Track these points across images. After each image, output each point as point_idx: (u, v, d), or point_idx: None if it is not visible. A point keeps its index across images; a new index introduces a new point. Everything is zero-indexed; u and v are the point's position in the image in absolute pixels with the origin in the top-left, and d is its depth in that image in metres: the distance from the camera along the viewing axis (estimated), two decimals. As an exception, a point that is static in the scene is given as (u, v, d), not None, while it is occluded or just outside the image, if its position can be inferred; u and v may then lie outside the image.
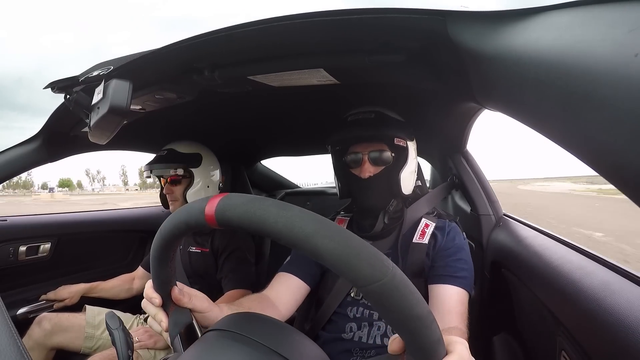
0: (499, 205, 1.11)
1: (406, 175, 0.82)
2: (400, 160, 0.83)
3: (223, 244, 1.15)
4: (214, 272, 1.17)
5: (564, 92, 0.27)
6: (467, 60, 0.45)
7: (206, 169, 1.21)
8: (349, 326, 0.79)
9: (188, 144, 1.22)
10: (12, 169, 0.99)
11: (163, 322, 0.46)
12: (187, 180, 1.18)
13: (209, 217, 0.32)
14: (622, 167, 0.23)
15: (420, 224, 0.85)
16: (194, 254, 1.19)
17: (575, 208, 17.43)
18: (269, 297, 0.77)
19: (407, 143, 0.83)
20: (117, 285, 1.33)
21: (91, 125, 0.60)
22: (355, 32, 0.51)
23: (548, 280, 0.67)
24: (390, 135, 0.81)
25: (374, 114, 0.83)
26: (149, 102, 0.79)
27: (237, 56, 0.62)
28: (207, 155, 1.23)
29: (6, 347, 0.40)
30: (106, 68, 0.61)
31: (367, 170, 0.82)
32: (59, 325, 1.10)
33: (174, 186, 1.18)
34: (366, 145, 0.83)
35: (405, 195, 0.83)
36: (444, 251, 0.78)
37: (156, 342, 0.99)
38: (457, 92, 0.70)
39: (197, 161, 1.19)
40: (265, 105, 1.03)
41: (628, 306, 0.47)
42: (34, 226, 1.33)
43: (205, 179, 1.20)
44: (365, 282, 0.27)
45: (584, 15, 0.28)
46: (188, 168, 1.16)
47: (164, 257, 0.40)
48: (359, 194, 0.85)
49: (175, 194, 1.17)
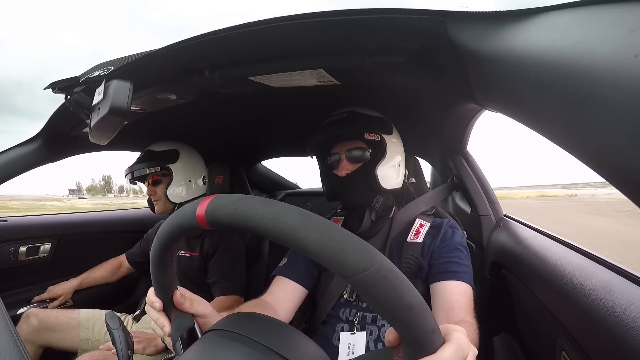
0: (499, 206, 1.10)
1: (385, 169, 0.82)
2: (378, 155, 0.83)
3: (213, 247, 1.14)
4: (204, 276, 1.16)
5: (564, 93, 0.27)
6: (467, 61, 0.45)
7: (185, 164, 1.21)
8: (339, 327, 0.78)
9: (164, 143, 1.22)
10: (13, 170, 0.99)
11: (165, 326, 0.46)
12: (167, 178, 1.18)
13: (200, 218, 0.33)
14: (622, 168, 0.23)
15: (415, 223, 0.85)
16: (183, 258, 1.18)
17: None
18: (268, 302, 0.77)
19: (381, 137, 0.82)
20: (106, 276, 1.35)
21: (92, 125, 0.60)
22: (356, 32, 0.51)
23: (548, 280, 0.67)
24: (359, 132, 0.81)
25: (346, 114, 0.85)
26: (150, 102, 0.79)
27: (237, 57, 0.62)
28: (185, 150, 1.23)
29: (6, 347, 0.40)
30: (107, 69, 0.61)
31: (344, 168, 0.83)
32: (47, 322, 1.10)
33: (156, 186, 1.18)
34: (343, 145, 0.84)
35: (387, 190, 0.83)
36: (441, 249, 0.78)
37: (145, 348, 0.96)
38: (457, 92, 0.70)
39: (173, 157, 1.19)
40: (265, 105, 1.03)
41: (628, 306, 0.47)
42: (34, 226, 1.33)
43: (185, 174, 1.20)
44: (351, 272, 0.27)
45: (584, 15, 0.28)
46: (165, 165, 1.17)
47: (163, 262, 0.40)
48: (340, 193, 0.85)
49: (158, 193, 1.18)
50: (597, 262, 0.63)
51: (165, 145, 1.21)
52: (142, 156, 1.19)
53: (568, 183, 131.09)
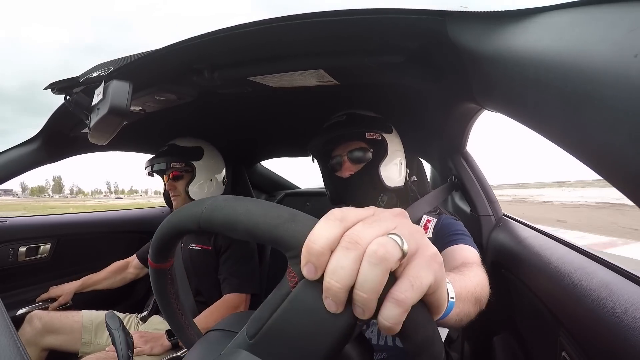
0: (499, 206, 1.10)
1: (388, 168, 0.83)
2: (380, 154, 0.83)
3: (226, 241, 1.14)
4: (215, 271, 1.16)
5: (563, 93, 0.27)
6: (467, 61, 0.45)
7: (208, 162, 1.21)
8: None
9: (189, 139, 1.22)
10: (12, 170, 0.99)
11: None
12: (189, 175, 1.17)
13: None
14: (622, 168, 0.23)
15: (422, 220, 0.86)
16: (194, 251, 1.17)
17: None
18: None
19: (381, 136, 0.83)
20: (110, 276, 1.33)
21: (91, 126, 0.60)
22: (355, 32, 0.51)
23: (548, 280, 0.67)
24: (360, 132, 0.81)
25: (345, 116, 0.86)
26: (149, 102, 0.79)
27: (236, 57, 0.62)
28: (209, 149, 1.23)
29: (6, 347, 0.40)
30: (106, 69, 0.61)
31: (348, 170, 0.83)
32: (50, 324, 1.09)
33: (176, 182, 1.17)
34: (344, 147, 0.85)
35: (391, 187, 0.83)
36: (442, 233, 0.79)
37: (152, 348, 0.96)
38: (456, 92, 0.70)
39: (198, 154, 1.19)
40: (265, 105, 1.03)
41: (628, 306, 0.47)
42: (34, 227, 1.33)
43: (207, 172, 1.19)
44: (290, 249, 0.25)
45: (583, 15, 0.28)
46: (189, 161, 1.16)
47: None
48: (344, 194, 0.86)
49: (178, 189, 1.17)
50: (597, 262, 0.63)
51: (190, 142, 1.21)
52: (166, 150, 1.18)
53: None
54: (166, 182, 1.20)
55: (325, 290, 0.22)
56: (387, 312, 0.21)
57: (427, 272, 0.22)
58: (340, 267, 0.21)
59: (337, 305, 0.22)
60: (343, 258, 0.21)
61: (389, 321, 0.21)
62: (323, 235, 0.22)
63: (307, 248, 0.22)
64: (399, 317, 0.21)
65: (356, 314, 0.22)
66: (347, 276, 0.21)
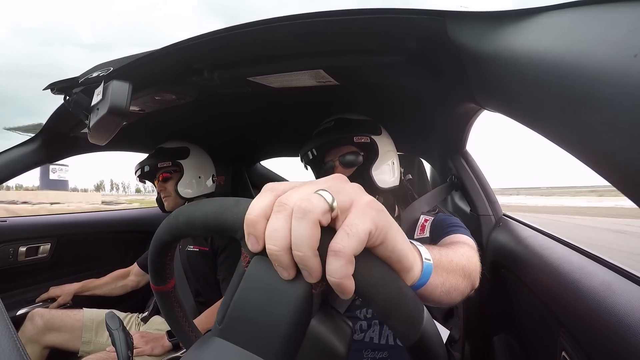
0: (499, 206, 1.10)
1: (381, 169, 0.83)
2: (370, 156, 0.84)
3: (224, 242, 1.15)
4: (213, 272, 1.16)
5: (563, 93, 0.27)
6: (467, 61, 0.45)
7: (195, 160, 1.23)
8: (359, 324, 0.78)
9: (175, 141, 1.25)
10: (12, 170, 0.99)
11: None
12: (177, 175, 1.20)
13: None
14: (622, 168, 0.23)
15: (420, 220, 0.86)
16: (192, 253, 1.18)
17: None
18: None
19: (370, 138, 0.83)
20: (110, 282, 1.33)
21: (90, 126, 0.60)
22: (355, 32, 0.51)
23: (548, 280, 0.67)
24: (348, 136, 0.82)
25: (333, 122, 0.86)
26: (149, 103, 0.79)
27: (236, 57, 0.62)
28: (195, 149, 1.25)
29: (6, 347, 0.40)
30: (106, 69, 0.61)
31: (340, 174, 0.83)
32: (52, 323, 1.10)
33: (166, 183, 1.20)
34: (335, 152, 0.85)
35: (385, 189, 0.83)
36: (437, 228, 0.79)
37: (153, 349, 0.96)
38: (456, 92, 0.70)
39: (184, 153, 1.21)
40: (265, 105, 1.03)
41: (628, 306, 0.47)
42: (33, 227, 1.33)
43: (195, 170, 1.22)
44: (237, 230, 0.26)
45: (583, 15, 0.28)
46: (176, 160, 1.18)
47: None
48: None
49: (168, 189, 1.19)
50: (597, 262, 0.63)
51: (176, 143, 1.24)
52: (154, 153, 1.21)
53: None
54: (157, 185, 1.23)
55: (270, 257, 0.22)
56: (329, 266, 0.21)
57: (363, 219, 0.22)
58: (274, 230, 0.22)
59: (285, 270, 0.22)
60: (274, 220, 0.22)
61: (334, 276, 0.21)
62: (256, 206, 0.23)
63: (245, 222, 0.23)
64: (342, 270, 0.21)
65: (305, 278, 0.22)
66: (281, 237, 0.21)
